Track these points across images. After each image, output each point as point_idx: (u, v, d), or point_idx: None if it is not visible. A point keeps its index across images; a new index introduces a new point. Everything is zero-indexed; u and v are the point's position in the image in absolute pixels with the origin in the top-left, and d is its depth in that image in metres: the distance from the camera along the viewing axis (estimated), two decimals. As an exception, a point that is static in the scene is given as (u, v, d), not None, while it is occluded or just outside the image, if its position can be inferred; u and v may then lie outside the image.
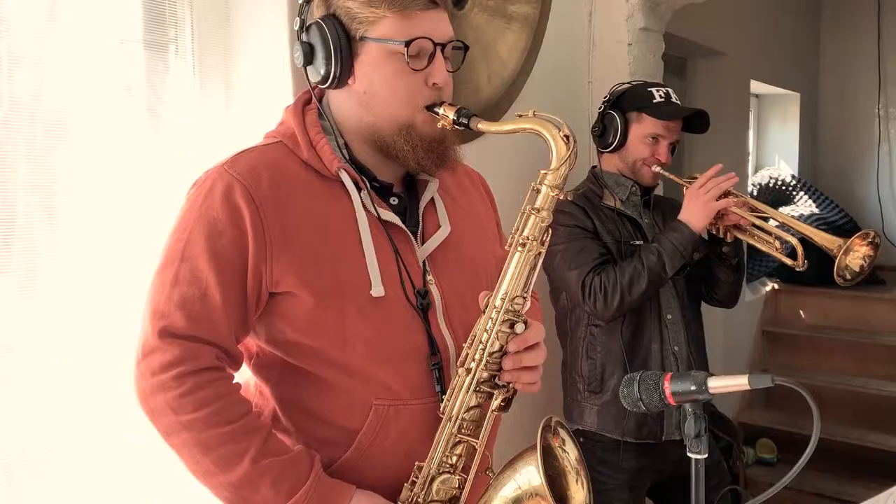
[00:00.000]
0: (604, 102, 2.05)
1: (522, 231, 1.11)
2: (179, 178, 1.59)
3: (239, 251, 1.07)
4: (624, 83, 2.08)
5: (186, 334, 1.06)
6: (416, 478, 1.12)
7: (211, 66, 1.62)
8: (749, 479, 3.55)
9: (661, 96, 1.97)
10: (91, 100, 1.48)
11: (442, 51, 1.14)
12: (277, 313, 1.12)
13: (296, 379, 1.14)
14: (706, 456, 1.01)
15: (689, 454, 1.02)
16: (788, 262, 1.93)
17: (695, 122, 2.02)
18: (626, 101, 2.00)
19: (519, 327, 1.10)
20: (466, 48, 1.21)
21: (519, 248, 1.11)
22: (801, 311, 4.49)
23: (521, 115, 1.12)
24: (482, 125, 1.12)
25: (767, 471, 3.86)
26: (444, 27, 1.14)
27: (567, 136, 1.10)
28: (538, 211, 1.10)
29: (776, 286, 4.52)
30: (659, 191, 2.26)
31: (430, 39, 1.11)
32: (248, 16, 1.62)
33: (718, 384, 1.00)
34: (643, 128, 1.97)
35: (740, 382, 0.99)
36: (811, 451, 0.97)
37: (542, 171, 1.11)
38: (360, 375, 1.12)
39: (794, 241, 1.93)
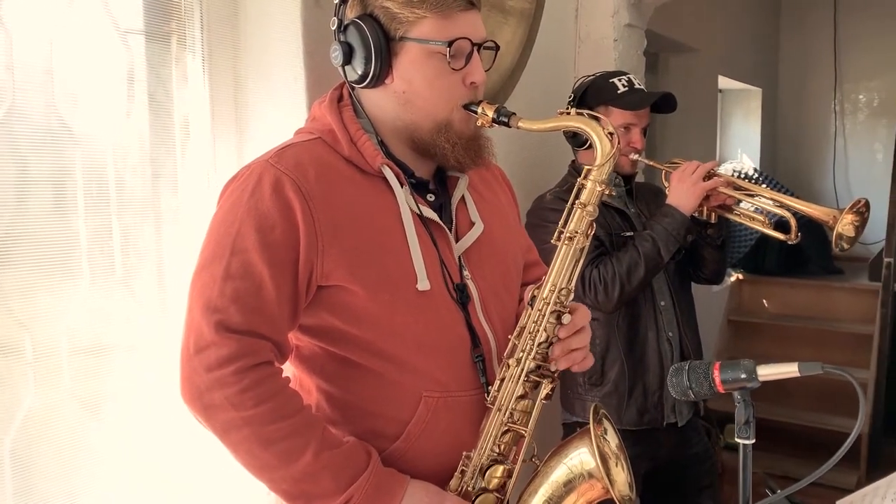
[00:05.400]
0: (569, 102, 2.04)
1: (569, 225, 1.13)
2: (191, 173, 1.57)
3: (291, 245, 1.07)
4: (581, 77, 2.08)
5: (243, 329, 1.05)
6: (466, 467, 1.14)
7: (220, 59, 1.59)
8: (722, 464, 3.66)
9: (623, 85, 1.97)
10: (96, 91, 1.45)
11: (478, 51, 1.15)
12: (325, 306, 1.12)
13: (343, 370, 1.15)
14: (754, 441, 1.04)
15: (737, 439, 1.05)
16: (780, 236, 1.95)
17: (661, 103, 2.01)
18: (592, 97, 1.99)
19: (565, 318, 1.13)
20: (497, 48, 1.22)
21: (566, 242, 1.13)
22: (765, 301, 4.63)
23: (561, 113, 1.14)
24: (523, 123, 1.14)
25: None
26: (480, 28, 1.16)
27: (611, 134, 1.12)
28: (584, 206, 1.13)
29: (741, 277, 4.65)
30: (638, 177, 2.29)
31: (469, 40, 1.13)
32: (258, 9, 1.59)
33: (768, 372, 1.03)
34: (613, 120, 1.89)
35: (790, 370, 1.02)
36: (853, 440, 1.01)
37: (587, 167, 1.14)
38: (409, 367, 1.14)
39: (786, 214, 1.94)
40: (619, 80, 1.98)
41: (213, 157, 1.60)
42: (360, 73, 1.15)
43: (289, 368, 1.20)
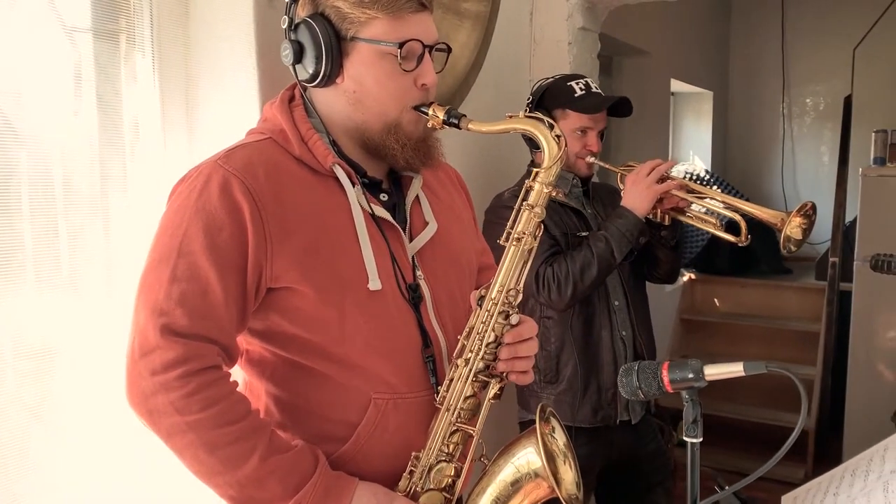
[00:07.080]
0: (528, 105, 2.07)
1: (517, 226, 1.15)
2: (141, 173, 1.55)
3: (239, 246, 1.06)
4: (539, 81, 2.11)
5: (189, 332, 1.04)
6: (414, 467, 1.14)
7: (170, 58, 1.57)
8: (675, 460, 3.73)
9: (581, 89, 2.00)
10: (42, 90, 1.42)
11: (430, 52, 1.16)
12: (275, 308, 1.11)
13: (292, 374, 1.14)
14: (701, 439, 1.06)
15: (685, 438, 1.07)
16: (731, 238, 1.97)
17: (618, 106, 2.04)
18: (549, 100, 2.01)
19: (514, 318, 1.14)
20: (450, 50, 1.23)
21: (514, 243, 1.14)
22: (716, 300, 4.74)
23: (511, 116, 1.15)
24: (473, 125, 1.15)
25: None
26: (431, 29, 1.17)
27: (559, 136, 1.14)
28: (532, 207, 1.14)
29: (692, 276, 4.75)
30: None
31: (420, 41, 1.13)
32: (209, 8, 1.58)
33: (714, 371, 1.05)
34: (570, 123, 1.99)
35: (735, 369, 1.04)
36: (796, 436, 1.04)
37: (535, 170, 1.16)
38: (359, 369, 1.14)
39: (737, 217, 1.97)
40: (577, 84, 2.01)
41: (164, 158, 1.58)
42: (310, 72, 1.14)
43: (238, 373, 1.19)
